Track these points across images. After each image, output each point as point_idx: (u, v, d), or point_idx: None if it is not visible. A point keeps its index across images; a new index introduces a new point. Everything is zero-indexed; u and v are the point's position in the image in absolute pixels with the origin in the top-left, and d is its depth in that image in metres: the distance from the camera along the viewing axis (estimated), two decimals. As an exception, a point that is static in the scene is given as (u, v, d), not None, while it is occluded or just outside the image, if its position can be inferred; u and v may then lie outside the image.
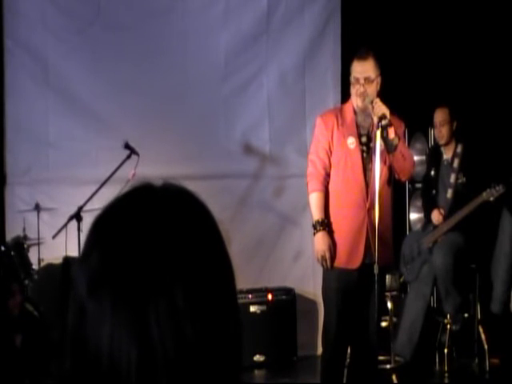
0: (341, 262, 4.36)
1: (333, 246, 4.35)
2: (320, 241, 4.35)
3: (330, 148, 4.41)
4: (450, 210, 5.76)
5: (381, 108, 4.22)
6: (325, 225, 4.35)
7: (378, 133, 4.21)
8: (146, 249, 0.86)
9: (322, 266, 4.39)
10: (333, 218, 4.40)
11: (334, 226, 4.39)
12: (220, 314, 0.89)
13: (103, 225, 0.90)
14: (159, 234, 0.87)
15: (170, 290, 0.85)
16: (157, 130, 6.22)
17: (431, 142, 6.52)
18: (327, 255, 4.31)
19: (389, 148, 4.30)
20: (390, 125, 4.23)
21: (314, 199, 4.41)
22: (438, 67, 6.52)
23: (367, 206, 4.33)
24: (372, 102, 4.26)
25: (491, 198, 5.49)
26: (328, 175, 4.42)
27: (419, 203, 6.36)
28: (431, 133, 6.47)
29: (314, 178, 4.42)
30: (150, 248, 0.86)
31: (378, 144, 4.24)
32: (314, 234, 4.38)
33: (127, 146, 5.44)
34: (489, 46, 6.40)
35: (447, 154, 5.93)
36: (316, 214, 4.38)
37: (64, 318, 0.88)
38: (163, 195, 0.93)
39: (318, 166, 4.41)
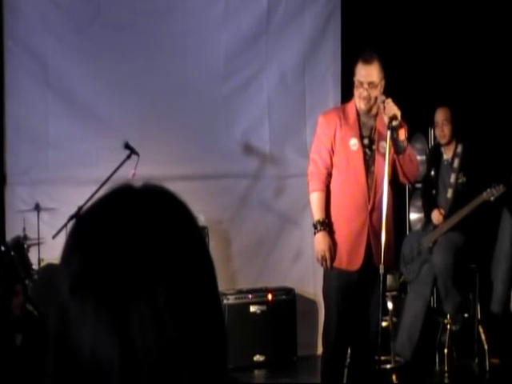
0: (341, 263, 4.34)
1: (333, 247, 4.34)
2: (320, 241, 4.33)
3: (332, 147, 4.38)
4: (450, 209, 5.76)
5: (392, 108, 4.16)
6: (325, 225, 4.33)
7: (389, 133, 4.15)
8: (127, 250, 0.86)
9: (322, 266, 4.38)
10: (334, 219, 4.38)
11: (335, 227, 4.37)
12: (202, 313, 0.89)
13: (84, 227, 0.91)
14: (140, 235, 0.87)
15: (152, 291, 0.85)
16: (157, 130, 6.22)
17: (431, 142, 6.52)
18: (327, 255, 4.30)
19: (398, 149, 4.26)
20: (400, 126, 4.19)
21: (315, 199, 4.39)
22: (438, 67, 6.52)
23: (369, 208, 4.32)
24: (384, 102, 4.21)
25: (491, 198, 5.48)
26: (330, 175, 4.39)
27: (419, 203, 6.35)
28: (431, 133, 6.47)
29: (315, 177, 4.40)
30: (130, 249, 0.86)
31: (388, 145, 4.17)
32: (315, 233, 4.36)
33: (127, 146, 5.44)
34: (489, 46, 6.40)
35: (447, 154, 5.93)
36: (317, 213, 4.36)
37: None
38: (143, 196, 0.93)
39: (319, 165, 4.39)
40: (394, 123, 4.15)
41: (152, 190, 0.94)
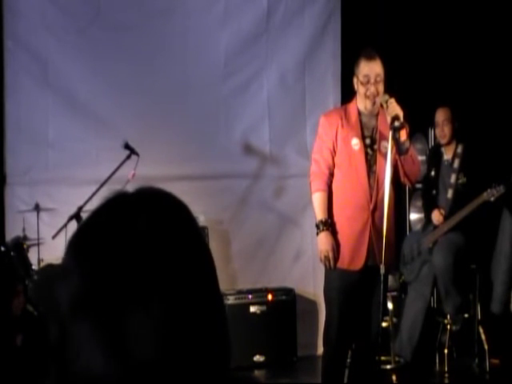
0: (343, 263, 4.34)
1: (336, 247, 4.34)
2: (323, 240, 4.33)
3: (333, 148, 4.38)
4: (450, 210, 5.76)
5: (395, 109, 4.16)
6: (328, 225, 4.34)
7: (391, 134, 4.15)
8: (125, 266, 0.85)
9: (325, 266, 4.37)
10: (336, 219, 4.38)
11: (337, 227, 4.37)
12: (204, 319, 0.88)
13: (82, 243, 0.90)
14: (138, 248, 0.86)
15: (151, 304, 0.84)
16: (157, 130, 6.22)
17: (431, 143, 6.52)
18: (330, 255, 4.30)
19: (400, 150, 4.26)
20: (402, 127, 4.19)
21: (318, 199, 4.39)
22: (438, 67, 6.52)
23: (371, 207, 4.32)
24: (387, 102, 4.21)
25: (492, 199, 5.48)
26: (331, 175, 4.39)
27: (419, 203, 6.35)
28: (431, 133, 6.47)
29: (317, 177, 4.40)
30: (128, 264, 0.86)
31: (390, 145, 4.17)
32: (317, 233, 4.36)
33: (127, 146, 5.43)
34: (489, 46, 6.40)
35: (448, 155, 5.93)
36: (319, 213, 4.36)
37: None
38: (138, 205, 0.91)
39: (321, 166, 4.39)
40: (397, 124, 4.15)
41: (146, 196, 0.93)
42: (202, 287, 0.90)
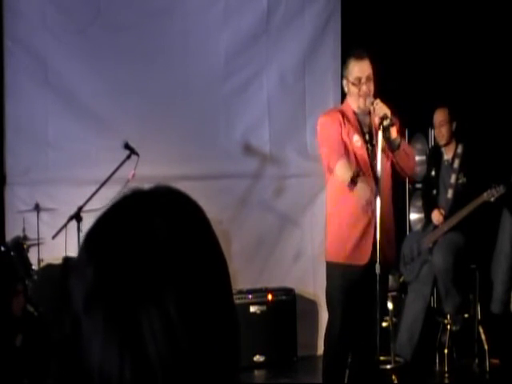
0: (349, 257, 4.32)
1: (342, 242, 4.32)
2: (365, 186, 4.16)
3: (342, 139, 4.35)
4: (450, 210, 5.76)
5: (382, 109, 4.18)
6: (362, 173, 4.21)
7: (380, 133, 4.17)
8: (139, 260, 0.85)
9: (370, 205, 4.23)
10: (342, 213, 4.36)
11: (343, 222, 4.36)
12: (215, 317, 0.88)
13: (97, 237, 0.90)
14: (152, 243, 0.86)
15: (163, 300, 0.84)
16: (157, 130, 6.22)
17: (431, 143, 6.52)
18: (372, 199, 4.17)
19: (392, 147, 4.28)
20: (392, 124, 4.20)
21: (343, 164, 4.23)
22: (438, 67, 6.52)
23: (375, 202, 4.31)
24: (373, 103, 4.23)
25: (492, 199, 5.48)
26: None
27: (419, 203, 6.36)
28: (431, 133, 6.47)
29: (334, 153, 4.28)
30: (142, 259, 0.85)
31: (380, 144, 4.18)
32: (355, 184, 4.16)
33: (127, 146, 5.43)
34: (489, 46, 6.40)
35: (447, 155, 5.94)
36: (349, 170, 4.19)
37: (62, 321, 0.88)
38: (154, 202, 0.91)
39: (334, 155, 4.29)
40: (385, 123, 4.17)
41: (163, 193, 0.93)
42: (216, 288, 0.90)
